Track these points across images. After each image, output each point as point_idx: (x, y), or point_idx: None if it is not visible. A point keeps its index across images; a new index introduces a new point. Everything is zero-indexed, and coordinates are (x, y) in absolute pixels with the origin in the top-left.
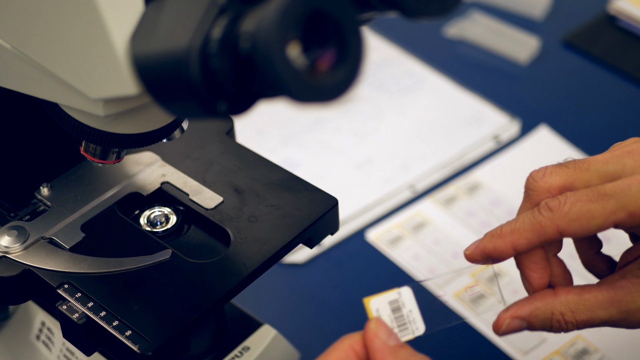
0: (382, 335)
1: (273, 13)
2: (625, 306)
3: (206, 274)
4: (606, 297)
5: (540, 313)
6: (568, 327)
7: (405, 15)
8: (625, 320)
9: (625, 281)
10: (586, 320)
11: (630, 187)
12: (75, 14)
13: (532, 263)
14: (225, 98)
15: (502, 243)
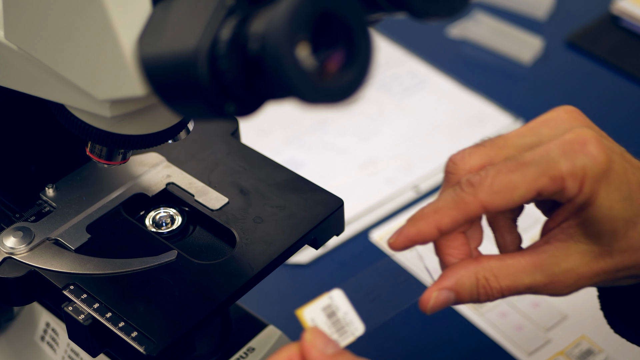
0: (319, 345)
1: (282, 14)
2: (549, 270)
3: (212, 275)
4: (530, 262)
5: (466, 280)
6: (494, 293)
7: (414, 16)
8: (550, 285)
9: (549, 246)
10: (511, 285)
11: (549, 153)
12: (83, 15)
13: (452, 249)
14: (233, 99)
15: (426, 224)
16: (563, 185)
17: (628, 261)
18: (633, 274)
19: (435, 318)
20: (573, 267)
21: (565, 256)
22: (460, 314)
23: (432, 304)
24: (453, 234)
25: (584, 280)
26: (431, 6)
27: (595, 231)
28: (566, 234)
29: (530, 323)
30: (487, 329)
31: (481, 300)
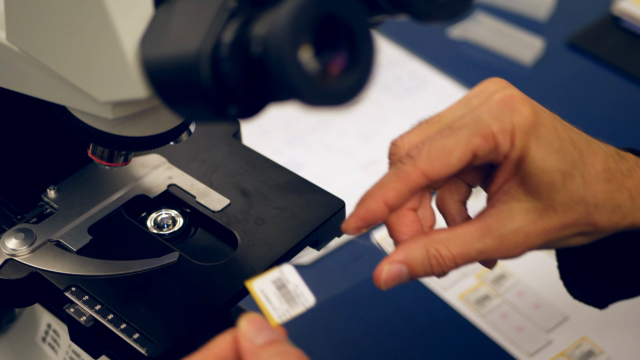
0: (250, 334)
1: (285, 17)
2: (497, 232)
3: (213, 277)
4: (478, 227)
5: (416, 253)
6: (446, 262)
7: (416, 18)
8: (501, 247)
9: (494, 209)
10: (462, 253)
11: (479, 115)
12: (84, 17)
13: (403, 227)
14: (235, 102)
15: (373, 202)
16: (495, 142)
17: (572, 215)
18: (582, 231)
19: (436, 319)
20: (520, 226)
21: (510, 216)
22: (461, 315)
23: (384, 277)
24: (403, 212)
25: (532, 238)
26: (433, 9)
27: (534, 186)
28: (509, 195)
29: (531, 324)
30: (488, 330)
31: (435, 272)
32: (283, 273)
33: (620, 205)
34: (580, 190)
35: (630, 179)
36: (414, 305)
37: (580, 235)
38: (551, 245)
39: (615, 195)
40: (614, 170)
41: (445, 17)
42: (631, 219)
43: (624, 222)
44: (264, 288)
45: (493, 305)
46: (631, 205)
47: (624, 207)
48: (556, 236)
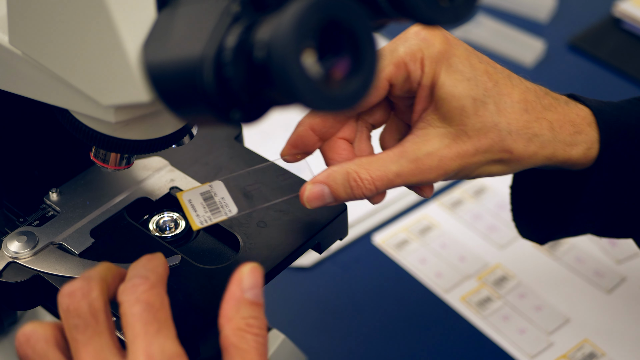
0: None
1: (288, 22)
2: (412, 155)
3: (216, 280)
4: (396, 152)
5: (337, 175)
6: (365, 184)
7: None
8: (416, 170)
9: (412, 135)
10: (381, 175)
11: (394, 47)
12: (87, 21)
13: (336, 154)
14: (238, 106)
15: (302, 128)
16: (407, 69)
17: (485, 141)
18: (498, 157)
19: (437, 321)
20: (434, 150)
21: (425, 141)
22: (463, 317)
23: (306, 195)
24: (335, 141)
25: (447, 162)
26: (436, 13)
27: (446, 111)
28: (425, 122)
29: (533, 326)
30: (489, 332)
31: (355, 194)
32: (212, 187)
33: (538, 135)
34: (493, 117)
35: (551, 112)
36: (416, 307)
37: (497, 163)
38: (468, 172)
39: (533, 124)
40: (533, 102)
41: (449, 22)
42: (551, 149)
43: (544, 152)
44: (192, 198)
45: (494, 307)
46: (551, 136)
47: (543, 137)
48: (471, 161)
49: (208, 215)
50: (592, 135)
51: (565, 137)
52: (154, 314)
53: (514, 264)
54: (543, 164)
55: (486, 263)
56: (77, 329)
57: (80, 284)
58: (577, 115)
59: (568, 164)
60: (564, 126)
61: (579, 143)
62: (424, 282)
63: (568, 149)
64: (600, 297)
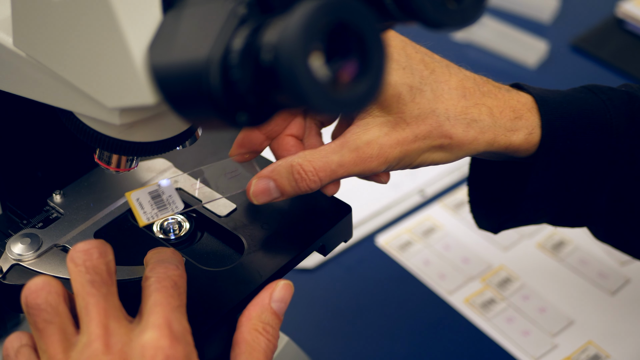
0: (276, 296)
1: (296, 24)
2: (353, 144)
3: (220, 282)
4: (337, 142)
5: (281, 168)
6: (309, 177)
7: (426, 26)
8: (358, 159)
9: (353, 126)
10: (323, 166)
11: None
12: (92, 23)
13: (284, 151)
14: (245, 109)
15: (249, 129)
16: None
17: (423, 127)
18: (439, 143)
19: (441, 323)
20: (373, 138)
21: (365, 130)
22: (467, 319)
23: (252, 190)
24: (283, 138)
25: (387, 149)
26: (444, 16)
27: (383, 100)
28: (365, 112)
29: (537, 328)
30: (493, 334)
31: (301, 186)
32: (160, 186)
33: (477, 120)
34: (430, 103)
35: (490, 99)
36: (419, 308)
37: (439, 149)
38: (410, 159)
39: (471, 110)
40: (471, 88)
41: (456, 25)
42: (492, 134)
43: (484, 137)
44: (139, 197)
45: (498, 309)
46: (491, 122)
47: (482, 122)
48: (411, 148)
49: (155, 212)
50: (532, 121)
51: (506, 122)
52: (179, 293)
53: (518, 265)
54: (485, 150)
55: (490, 265)
56: (94, 284)
57: (96, 243)
58: (518, 101)
59: (511, 149)
60: (504, 111)
61: (520, 128)
62: (427, 284)
63: (509, 134)
64: (604, 299)
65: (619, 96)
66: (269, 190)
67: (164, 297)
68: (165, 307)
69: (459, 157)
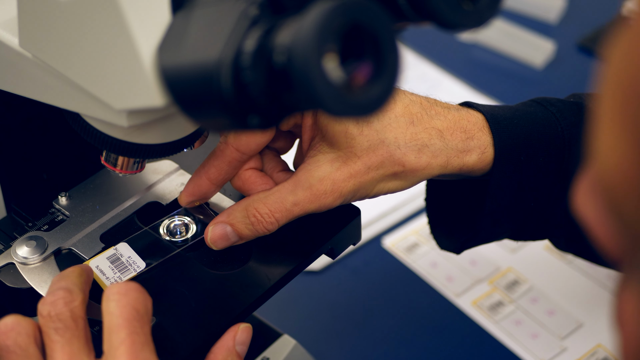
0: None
1: (310, 26)
2: (306, 182)
3: (228, 286)
4: (291, 182)
5: (237, 213)
6: (265, 219)
7: (442, 27)
8: (312, 196)
9: (304, 164)
10: (279, 207)
11: None
12: (100, 23)
13: (252, 185)
14: (256, 111)
15: (198, 179)
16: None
17: (375, 158)
18: (392, 172)
19: (449, 326)
20: (326, 174)
21: (317, 167)
22: (474, 321)
23: (209, 237)
24: (245, 174)
25: (340, 184)
26: (459, 17)
27: (331, 136)
28: (315, 150)
29: (545, 331)
30: (501, 337)
31: (258, 229)
32: (117, 250)
33: (428, 145)
34: (378, 134)
35: (440, 121)
36: (427, 311)
37: (393, 178)
38: (366, 191)
39: (421, 135)
40: (418, 113)
41: (471, 25)
42: (444, 157)
43: (437, 161)
44: (99, 264)
45: (506, 311)
46: (442, 145)
47: (433, 147)
48: (365, 180)
49: (118, 276)
50: (484, 140)
51: (457, 143)
52: (142, 325)
53: (526, 267)
54: (440, 174)
55: (498, 267)
56: (58, 331)
57: (63, 293)
58: (468, 121)
59: (465, 170)
60: (455, 133)
61: (472, 149)
62: (434, 286)
63: (461, 156)
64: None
65: (568, 107)
66: (226, 235)
67: (128, 335)
68: (129, 347)
69: (414, 183)
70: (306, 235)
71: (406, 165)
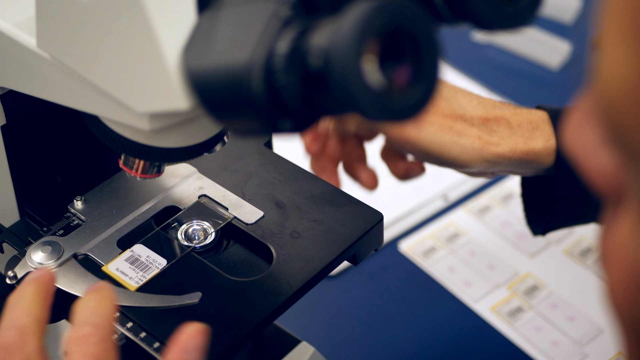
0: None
1: (350, 28)
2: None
3: (249, 293)
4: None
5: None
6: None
7: (480, 27)
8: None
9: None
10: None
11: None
12: (123, 24)
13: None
14: (288, 115)
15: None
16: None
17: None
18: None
19: (467, 332)
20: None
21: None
22: (493, 327)
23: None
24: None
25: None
26: (499, 18)
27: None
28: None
29: (566, 337)
30: (521, 343)
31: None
32: (134, 251)
33: (497, 131)
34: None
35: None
36: (445, 317)
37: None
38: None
39: (491, 123)
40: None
41: (511, 26)
42: (512, 142)
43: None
44: (119, 266)
45: (526, 317)
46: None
47: (502, 133)
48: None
49: (141, 275)
50: (547, 130)
51: (524, 132)
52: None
53: (545, 272)
54: (510, 158)
55: (516, 272)
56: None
57: (15, 337)
58: (535, 115)
59: (532, 155)
60: (522, 124)
61: (537, 137)
62: (452, 291)
63: (528, 142)
64: None
65: None
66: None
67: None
68: None
69: (483, 159)
70: (328, 241)
71: (482, 137)
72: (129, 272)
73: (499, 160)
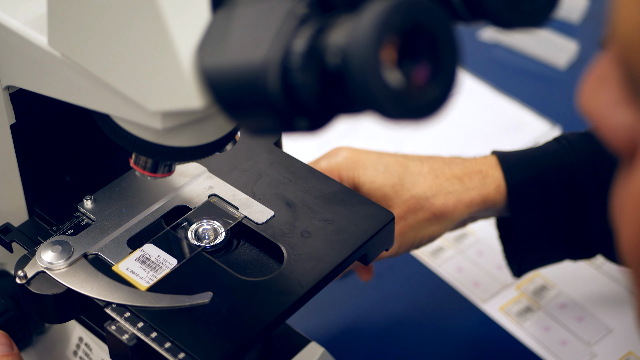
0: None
1: (368, 26)
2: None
3: (260, 293)
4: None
5: None
6: None
7: (497, 26)
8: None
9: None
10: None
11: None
12: (135, 21)
13: None
14: (305, 113)
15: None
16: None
17: (406, 207)
18: (424, 218)
19: (476, 332)
20: None
21: None
22: (502, 327)
23: None
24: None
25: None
26: (517, 17)
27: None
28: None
29: (575, 337)
30: (530, 343)
31: None
32: (144, 251)
33: (452, 191)
34: (410, 192)
35: (458, 170)
36: (453, 317)
37: (428, 223)
38: (411, 238)
39: (445, 184)
40: (441, 168)
41: (529, 24)
42: (468, 197)
43: (463, 201)
44: (129, 266)
45: (535, 317)
46: (462, 188)
47: (456, 191)
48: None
49: (151, 275)
50: (497, 176)
51: (476, 183)
52: None
53: (554, 273)
54: (469, 211)
55: None
56: None
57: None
58: (483, 164)
59: (489, 203)
60: (472, 176)
61: (489, 184)
62: (461, 291)
63: (480, 191)
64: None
65: (577, 138)
66: None
67: None
68: None
69: (450, 225)
70: (339, 241)
71: (435, 209)
72: (140, 272)
73: (462, 218)
